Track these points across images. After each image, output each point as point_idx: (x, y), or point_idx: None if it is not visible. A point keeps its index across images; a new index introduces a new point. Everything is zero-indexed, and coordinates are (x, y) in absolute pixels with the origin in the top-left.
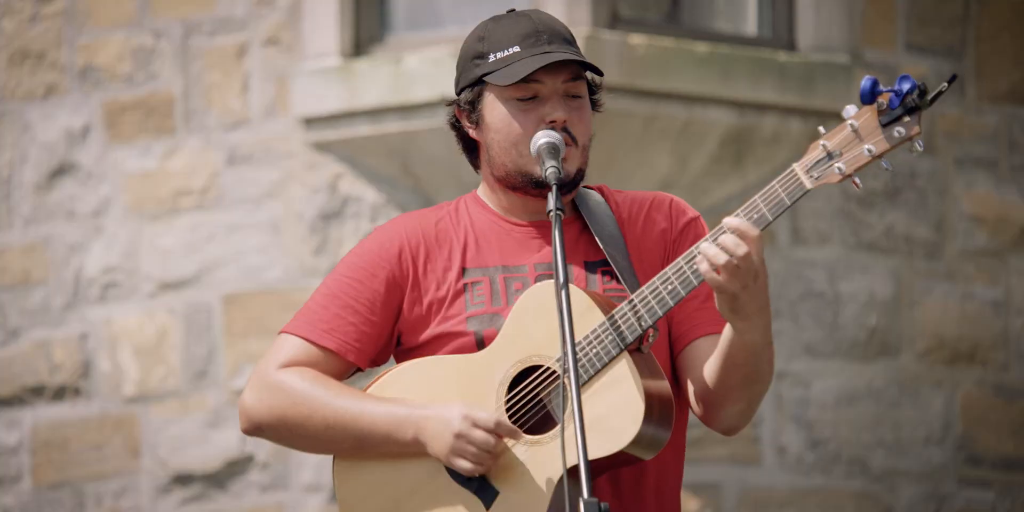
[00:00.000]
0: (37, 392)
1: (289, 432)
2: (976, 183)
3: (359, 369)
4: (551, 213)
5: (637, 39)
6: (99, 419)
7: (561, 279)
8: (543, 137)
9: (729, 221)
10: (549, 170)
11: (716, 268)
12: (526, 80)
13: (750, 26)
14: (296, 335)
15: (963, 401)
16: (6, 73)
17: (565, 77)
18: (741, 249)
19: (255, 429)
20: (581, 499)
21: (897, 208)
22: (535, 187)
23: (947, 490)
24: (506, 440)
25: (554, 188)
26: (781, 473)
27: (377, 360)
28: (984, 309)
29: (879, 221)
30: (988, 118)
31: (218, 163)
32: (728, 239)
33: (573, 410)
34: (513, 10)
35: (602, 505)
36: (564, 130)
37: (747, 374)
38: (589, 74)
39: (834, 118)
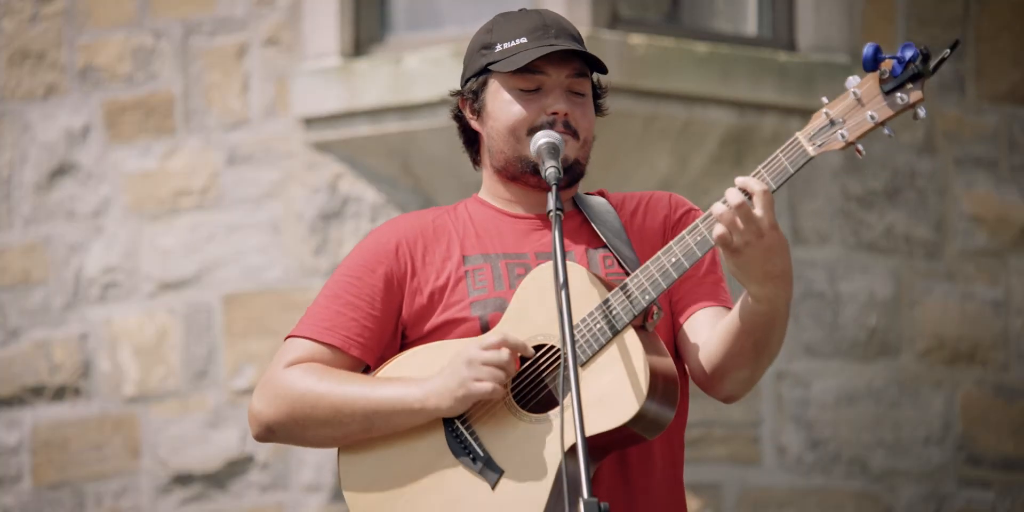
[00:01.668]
0: (37, 392)
1: (299, 426)
2: (976, 183)
3: (368, 367)
4: (551, 213)
5: (637, 39)
6: (99, 419)
7: (561, 280)
8: (543, 137)
9: (738, 178)
10: (549, 170)
11: (719, 220)
12: (532, 70)
13: (750, 26)
14: (299, 337)
15: (963, 401)
16: (6, 73)
17: (569, 72)
18: (736, 198)
19: (266, 432)
20: (581, 499)
21: (897, 208)
22: (534, 174)
23: (947, 490)
24: (524, 423)
25: (554, 188)
26: (781, 473)
27: (384, 356)
28: (984, 309)
29: (879, 221)
30: (988, 118)
31: (218, 163)
32: (731, 191)
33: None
34: (524, 9)
35: (602, 505)
36: (565, 124)
37: (757, 341)
38: (595, 76)
39: None
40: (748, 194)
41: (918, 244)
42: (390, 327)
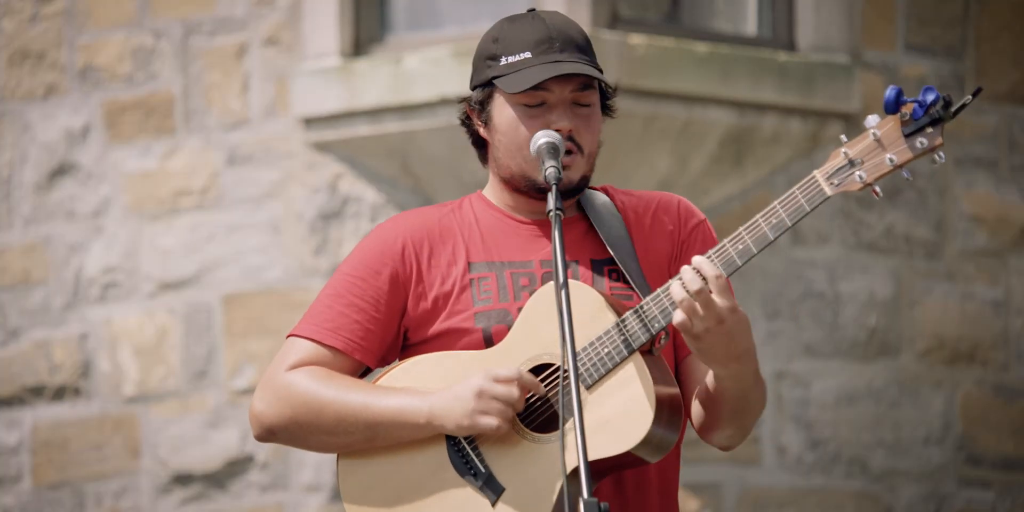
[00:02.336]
0: (37, 392)
1: (302, 431)
2: (976, 183)
3: (368, 369)
4: (551, 213)
5: (637, 39)
6: (99, 419)
7: (561, 279)
8: (543, 137)
9: (695, 258)
10: (549, 170)
11: (678, 305)
12: (535, 88)
13: (750, 26)
14: (302, 337)
15: (963, 401)
16: (6, 73)
17: (574, 86)
18: (695, 285)
19: (268, 434)
20: (581, 499)
21: (897, 208)
22: (538, 192)
23: (947, 490)
24: (525, 437)
25: (553, 188)
26: (781, 473)
27: (386, 358)
28: (984, 309)
29: (879, 221)
30: (988, 118)
31: (218, 163)
32: (687, 274)
33: (575, 411)
34: (533, 10)
35: (602, 505)
36: (570, 139)
37: (732, 409)
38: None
39: (834, 118)
40: (703, 277)
41: (918, 244)
42: (392, 330)
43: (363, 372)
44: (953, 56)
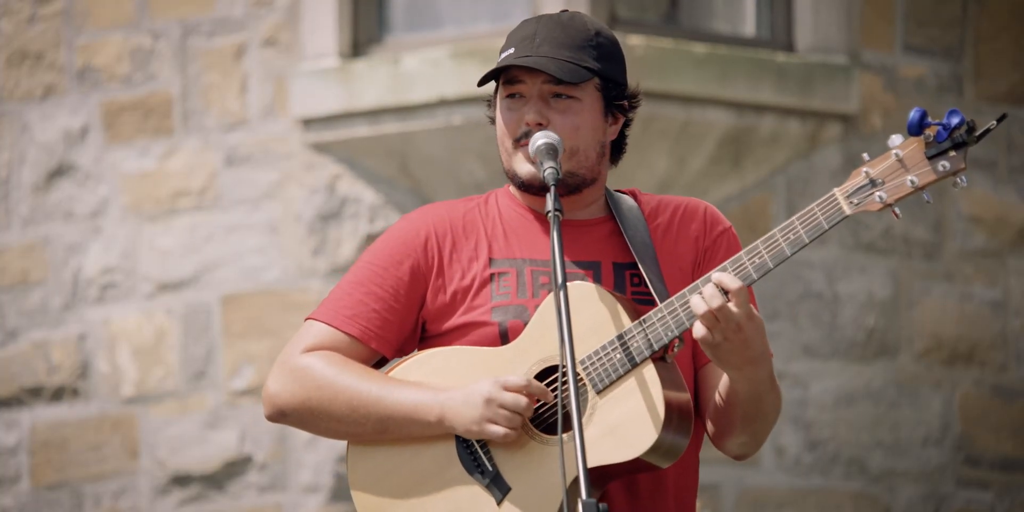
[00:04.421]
0: (36, 393)
1: (313, 416)
2: (975, 184)
3: (384, 359)
4: (549, 214)
5: (636, 40)
6: (98, 420)
7: (560, 280)
8: (541, 138)
9: (714, 273)
10: (547, 171)
11: (700, 319)
12: (511, 81)
13: (748, 27)
14: (320, 321)
15: (961, 401)
16: (5, 74)
17: (545, 78)
18: (716, 301)
19: (279, 415)
20: (580, 500)
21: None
22: (520, 188)
23: (946, 490)
24: (528, 438)
25: (552, 189)
26: (780, 474)
27: (403, 349)
28: (982, 309)
29: (877, 222)
30: (986, 119)
31: (216, 164)
32: (708, 290)
33: (573, 415)
34: (565, 11)
35: (600, 506)
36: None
37: (746, 413)
38: (613, 77)
39: (832, 119)
40: (725, 290)
41: (916, 245)
42: (410, 320)
43: (379, 361)
44: (952, 57)
